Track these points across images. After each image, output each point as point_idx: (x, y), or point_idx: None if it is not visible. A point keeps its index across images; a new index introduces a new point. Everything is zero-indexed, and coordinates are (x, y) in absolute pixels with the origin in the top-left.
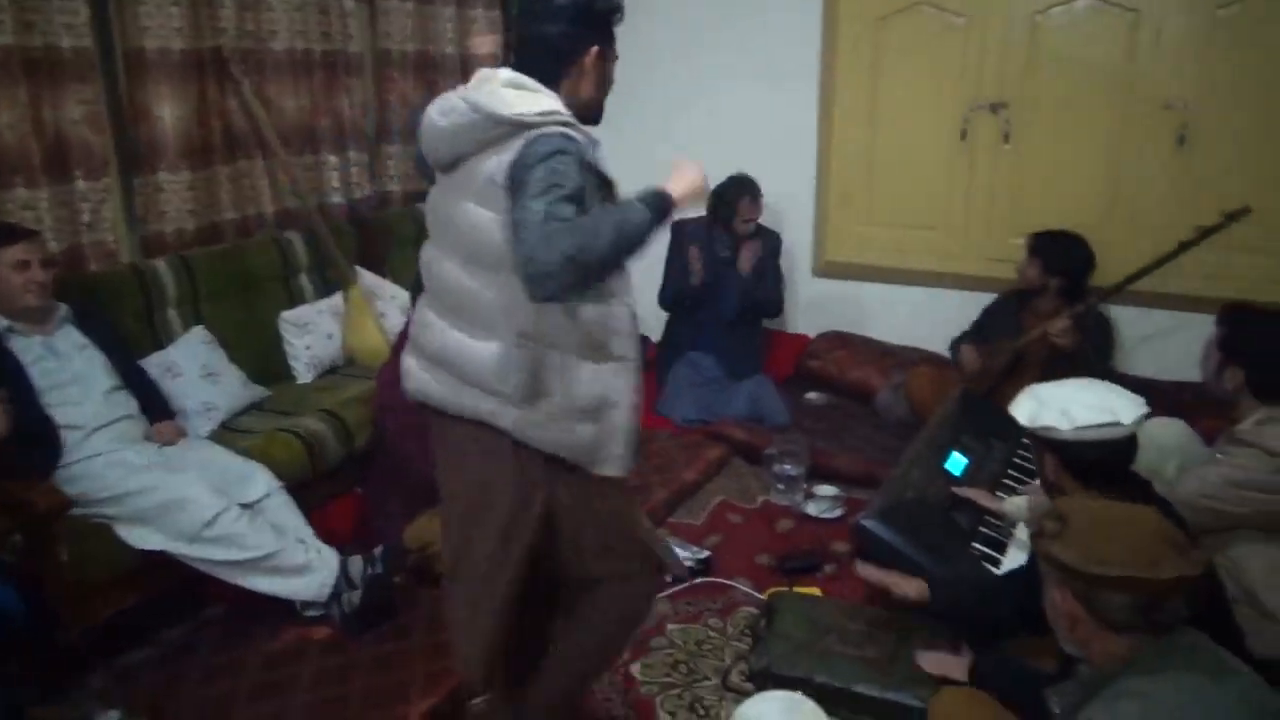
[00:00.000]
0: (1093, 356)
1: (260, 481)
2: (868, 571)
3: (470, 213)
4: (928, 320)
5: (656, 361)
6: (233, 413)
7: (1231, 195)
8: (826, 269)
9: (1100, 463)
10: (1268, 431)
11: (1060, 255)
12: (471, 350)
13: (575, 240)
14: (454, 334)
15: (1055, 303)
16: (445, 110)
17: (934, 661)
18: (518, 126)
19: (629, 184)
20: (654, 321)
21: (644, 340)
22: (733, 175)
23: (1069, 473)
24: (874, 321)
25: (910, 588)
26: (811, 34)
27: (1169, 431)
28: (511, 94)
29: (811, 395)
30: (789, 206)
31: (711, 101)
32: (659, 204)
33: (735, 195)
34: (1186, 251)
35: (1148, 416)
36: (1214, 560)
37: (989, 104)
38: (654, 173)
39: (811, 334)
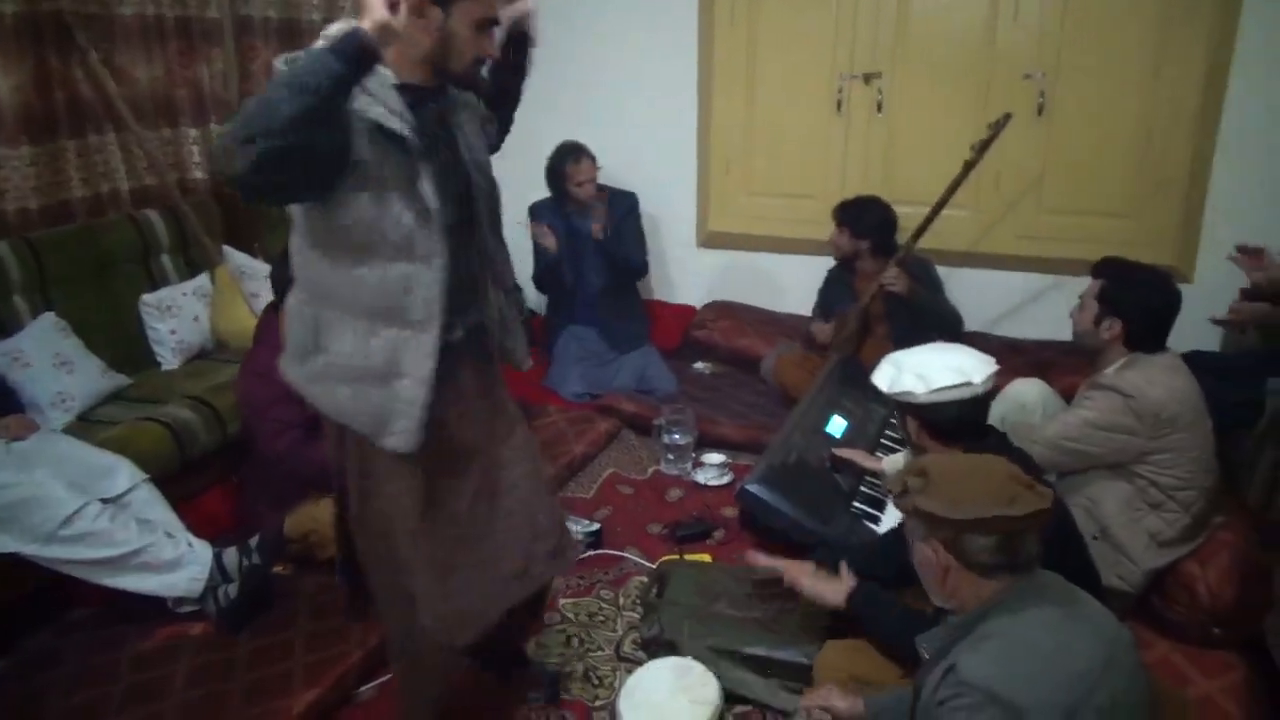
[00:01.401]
0: (926, 295)
1: (123, 475)
2: (757, 560)
3: None
4: (810, 288)
5: (542, 336)
6: (91, 403)
7: (1087, 162)
8: (710, 239)
9: (957, 421)
10: (1126, 376)
11: (863, 219)
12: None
13: (245, 112)
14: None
15: (874, 262)
16: None
17: (809, 584)
18: None
19: (509, 159)
20: (543, 299)
21: (531, 315)
22: (558, 145)
23: (928, 432)
24: (758, 290)
25: (800, 569)
26: (689, 4)
27: (1030, 389)
28: None
29: (699, 365)
30: (671, 178)
31: (590, 74)
32: (343, 43)
33: (560, 162)
34: (972, 169)
35: (999, 375)
36: (1073, 500)
37: (862, 74)
38: (535, 146)
39: (697, 304)
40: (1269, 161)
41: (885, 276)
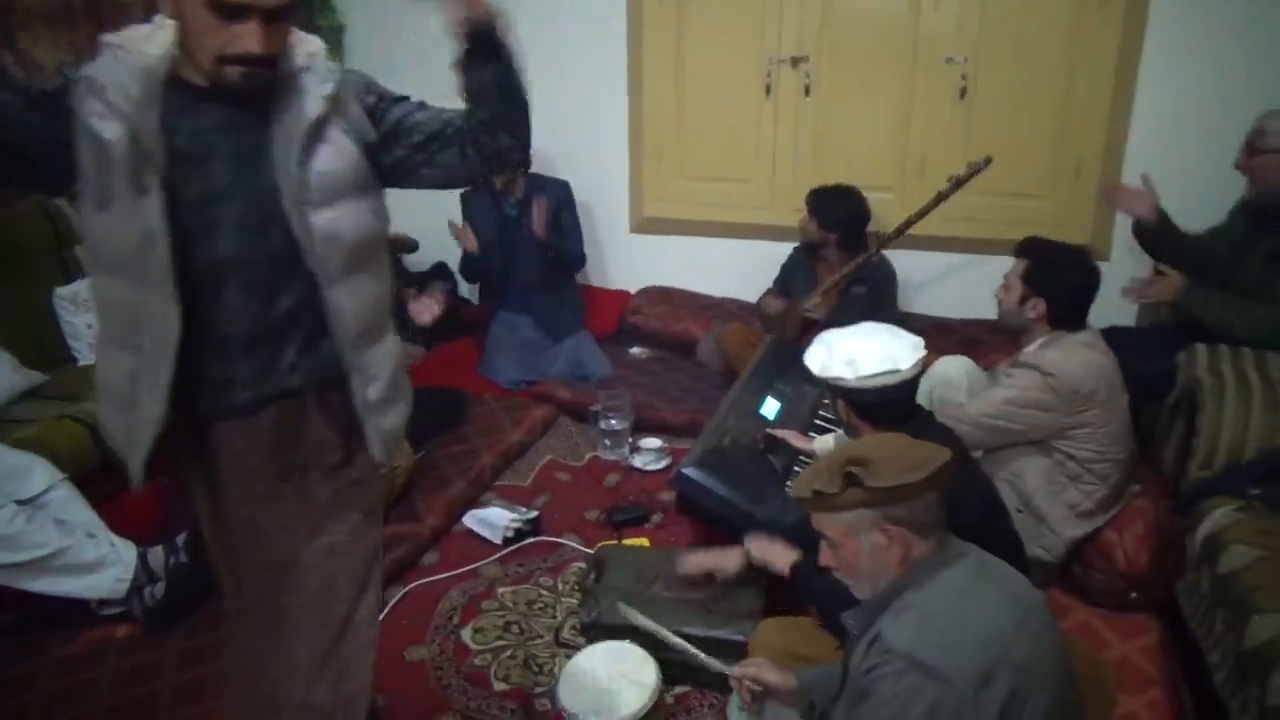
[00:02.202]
0: (869, 308)
1: (39, 475)
2: (688, 566)
3: None
4: (745, 271)
5: (477, 324)
6: (3, 402)
7: (1007, 145)
8: (644, 225)
9: (885, 404)
10: (1046, 355)
11: (833, 211)
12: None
13: None
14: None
15: (839, 255)
16: None
17: (761, 546)
18: None
19: None
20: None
21: (464, 303)
22: None
23: (857, 414)
24: (693, 275)
25: (730, 561)
26: None
27: (955, 366)
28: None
29: (635, 350)
30: (604, 164)
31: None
32: None
33: None
34: (945, 200)
35: (927, 357)
36: (997, 476)
37: (790, 58)
38: None
39: (633, 290)
40: (1179, 143)
41: (807, 303)
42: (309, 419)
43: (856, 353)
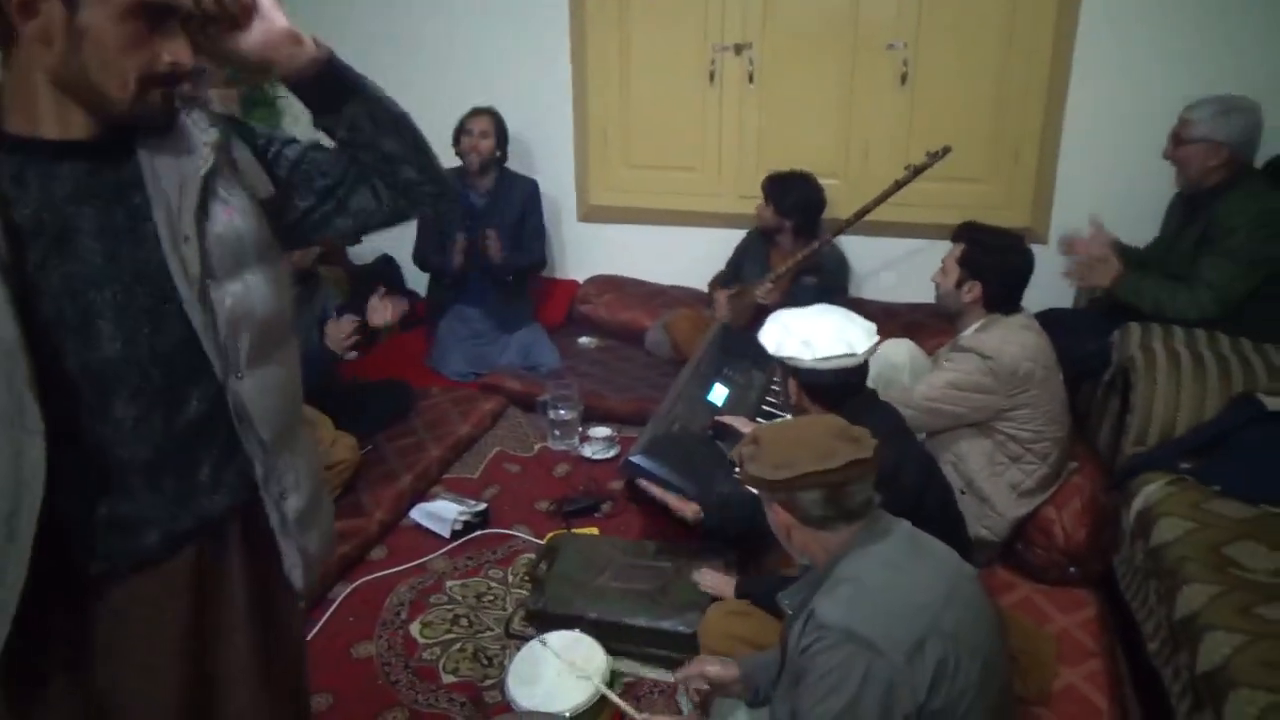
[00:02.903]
0: (819, 296)
1: None
2: (647, 487)
3: None
4: (692, 259)
5: (425, 316)
6: None
7: (948, 130)
8: (591, 213)
9: (837, 387)
10: (984, 338)
11: (788, 197)
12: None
13: None
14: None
15: (794, 241)
16: None
17: (710, 579)
18: None
19: None
20: (420, 275)
21: (411, 295)
22: None
23: (808, 395)
24: (641, 263)
25: (687, 509)
26: None
27: (899, 349)
28: None
29: (584, 340)
30: (550, 153)
31: (459, 50)
32: None
33: (462, 122)
34: (902, 188)
35: (879, 342)
36: (941, 458)
37: (733, 45)
38: None
39: (581, 279)
40: (1113, 127)
41: (759, 290)
42: (231, 554)
43: (813, 334)
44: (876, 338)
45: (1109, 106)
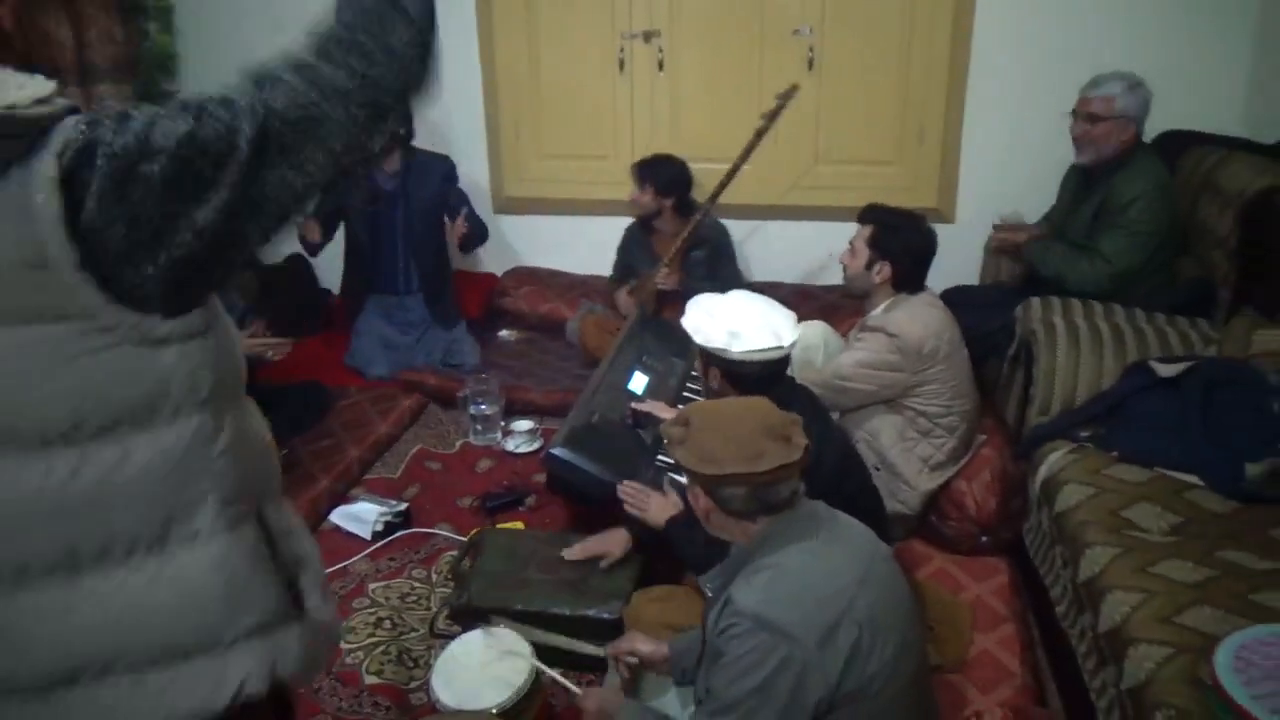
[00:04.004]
0: (698, 286)
1: None
2: (573, 554)
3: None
4: (610, 248)
5: (343, 313)
6: None
7: (855, 114)
8: (506, 205)
9: (761, 377)
10: (891, 317)
11: (663, 176)
12: (140, 589)
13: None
14: (56, 590)
15: (675, 222)
16: None
17: (633, 496)
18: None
19: None
20: (334, 273)
21: (325, 293)
22: None
23: (731, 384)
24: (559, 253)
25: (614, 545)
26: None
27: (813, 331)
28: None
29: (504, 333)
30: (462, 146)
31: None
32: None
33: None
34: (763, 136)
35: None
36: (855, 435)
37: (642, 33)
38: None
39: (499, 272)
40: (1013, 108)
41: (657, 277)
42: None
43: (740, 325)
44: (799, 329)
45: (1008, 87)
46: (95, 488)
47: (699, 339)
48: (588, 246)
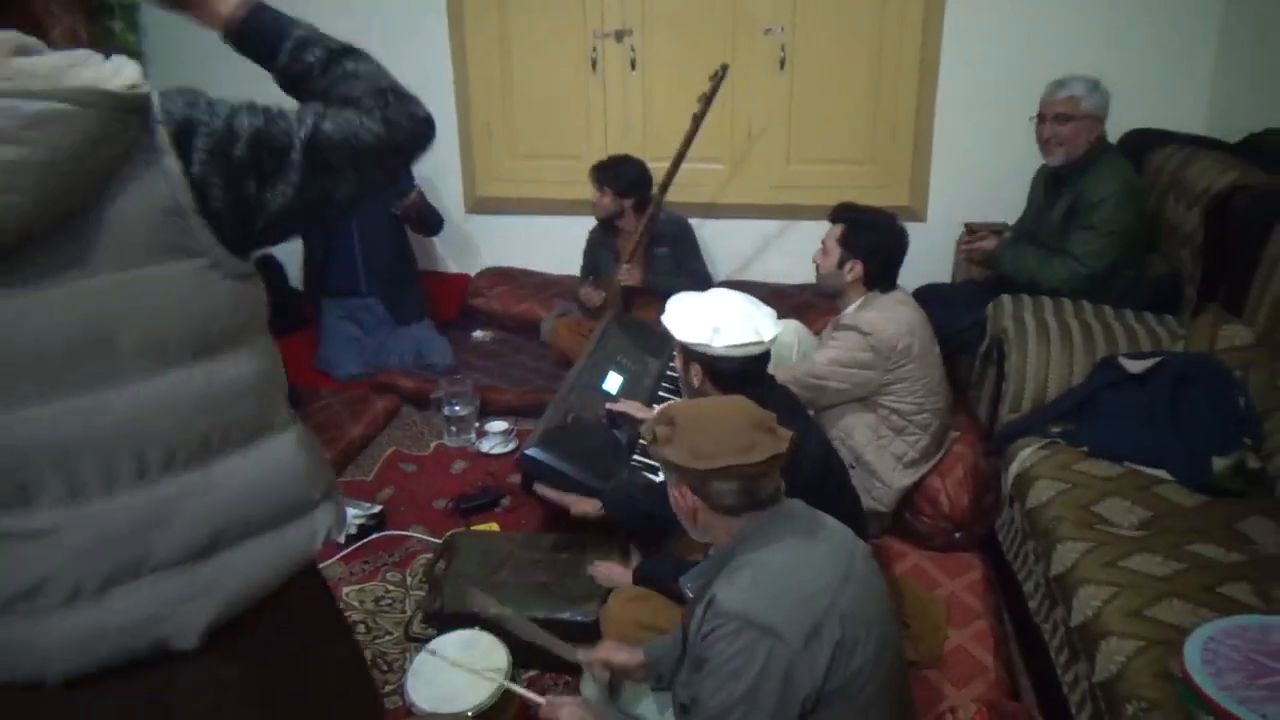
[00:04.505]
0: (663, 279)
1: None
2: (545, 492)
3: (144, 282)
4: (583, 247)
5: (311, 315)
6: None
7: (826, 113)
8: (479, 205)
9: (742, 374)
10: (864, 316)
11: (623, 178)
12: (252, 468)
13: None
14: (195, 475)
15: (635, 220)
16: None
17: (604, 572)
18: (131, 112)
19: None
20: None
21: (295, 293)
22: None
23: (712, 381)
24: (532, 253)
25: (587, 505)
26: None
27: (787, 329)
28: (55, 61)
29: (478, 334)
30: (435, 144)
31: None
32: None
33: None
34: (702, 120)
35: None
36: (830, 434)
37: (614, 32)
38: None
39: (472, 273)
40: (984, 107)
41: (620, 274)
42: None
43: (721, 320)
44: (779, 325)
45: (978, 87)
46: (223, 389)
47: (680, 335)
48: (561, 246)
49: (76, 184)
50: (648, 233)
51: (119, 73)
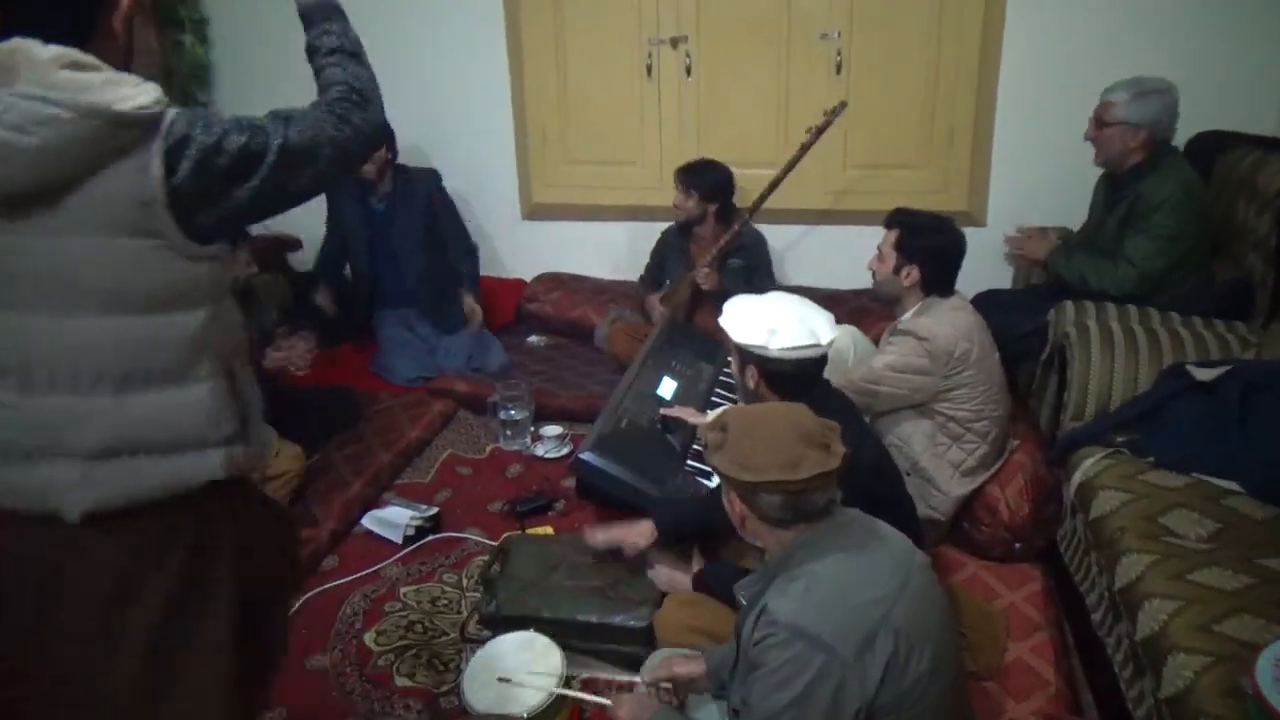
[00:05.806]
0: (747, 276)
1: None
2: (595, 539)
3: (112, 250)
4: (638, 253)
5: (365, 321)
6: None
7: (882, 118)
8: (535, 211)
9: (799, 377)
10: (921, 321)
11: (708, 182)
12: (164, 403)
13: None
14: (137, 400)
15: (715, 228)
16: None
17: (665, 576)
18: (147, 129)
19: None
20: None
21: (354, 306)
22: None
23: (768, 383)
24: (588, 259)
25: (639, 535)
26: None
27: (843, 334)
28: (91, 79)
29: (533, 339)
30: (489, 152)
31: (391, 51)
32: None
33: None
34: (807, 151)
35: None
36: (886, 441)
37: (669, 38)
38: None
39: (528, 278)
40: (1044, 109)
41: (698, 275)
42: None
43: (778, 323)
44: (837, 329)
45: (1039, 90)
46: (158, 338)
47: (737, 336)
48: (615, 252)
49: (63, 168)
50: (731, 241)
51: (134, 98)
